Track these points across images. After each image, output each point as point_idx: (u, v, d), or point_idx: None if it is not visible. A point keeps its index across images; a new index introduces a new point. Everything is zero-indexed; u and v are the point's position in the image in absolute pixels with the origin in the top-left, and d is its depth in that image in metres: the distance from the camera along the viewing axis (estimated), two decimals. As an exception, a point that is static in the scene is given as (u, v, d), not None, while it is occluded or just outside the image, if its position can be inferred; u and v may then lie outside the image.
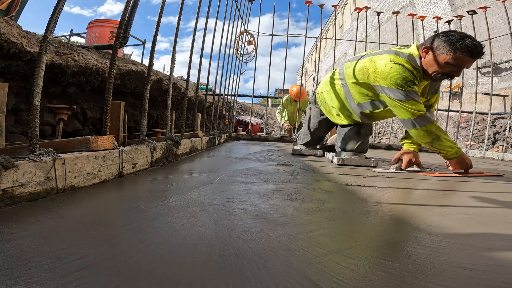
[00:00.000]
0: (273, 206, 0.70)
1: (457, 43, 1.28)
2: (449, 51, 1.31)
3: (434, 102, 1.66)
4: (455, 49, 1.29)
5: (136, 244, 0.44)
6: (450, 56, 1.31)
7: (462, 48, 1.27)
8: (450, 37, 1.31)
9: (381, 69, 1.44)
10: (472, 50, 1.26)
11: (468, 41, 1.27)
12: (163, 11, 1.32)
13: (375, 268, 0.41)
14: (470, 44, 1.26)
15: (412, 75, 1.40)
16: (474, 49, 1.26)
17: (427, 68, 1.41)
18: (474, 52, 1.27)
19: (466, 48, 1.27)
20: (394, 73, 1.40)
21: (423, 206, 0.80)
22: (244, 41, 4.18)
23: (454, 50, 1.29)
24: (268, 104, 5.78)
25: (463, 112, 4.13)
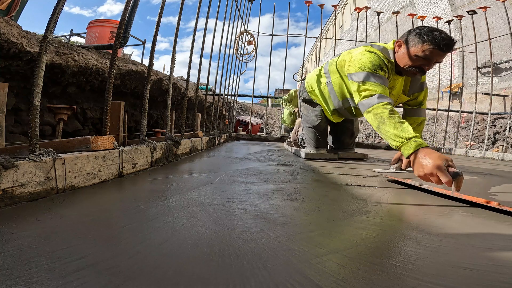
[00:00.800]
0: (273, 206, 0.70)
1: (425, 36, 1.29)
2: (417, 44, 1.32)
3: (423, 99, 1.66)
4: (423, 42, 1.30)
5: (136, 244, 0.44)
6: (419, 49, 1.32)
7: (430, 41, 1.28)
8: (419, 31, 1.32)
9: (355, 57, 1.47)
10: (439, 42, 1.26)
11: (436, 34, 1.27)
12: (163, 11, 1.32)
13: (375, 268, 0.41)
14: (437, 37, 1.26)
15: (383, 61, 1.42)
16: (441, 42, 1.26)
17: (399, 62, 1.43)
18: (441, 44, 1.26)
19: (433, 41, 1.27)
20: (364, 58, 1.43)
21: (423, 206, 0.80)
22: (244, 41, 4.18)
23: (423, 42, 1.30)
24: (268, 104, 5.78)
25: (463, 112, 4.13)
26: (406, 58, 1.39)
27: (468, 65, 6.85)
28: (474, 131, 5.64)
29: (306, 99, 2.00)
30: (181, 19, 1.51)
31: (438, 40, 1.26)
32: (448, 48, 1.28)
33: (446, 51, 1.28)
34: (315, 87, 1.87)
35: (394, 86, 1.54)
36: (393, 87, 1.54)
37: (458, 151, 3.51)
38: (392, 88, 1.54)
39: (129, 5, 1.10)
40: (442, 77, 7.64)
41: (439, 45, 1.26)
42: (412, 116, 1.66)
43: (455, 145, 3.84)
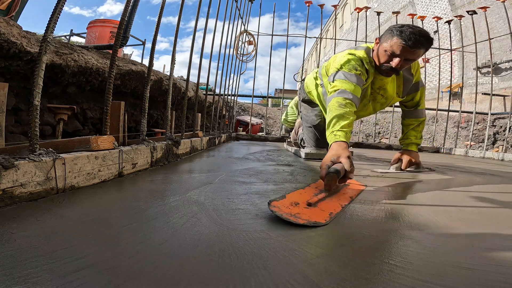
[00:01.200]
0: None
1: (394, 31, 1.25)
2: (387, 39, 1.29)
3: (419, 99, 1.63)
4: (392, 36, 1.26)
5: (136, 244, 0.44)
6: (388, 44, 1.28)
7: (397, 35, 1.23)
8: (392, 26, 1.28)
9: (336, 59, 1.46)
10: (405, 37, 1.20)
11: (406, 29, 1.21)
12: (163, 11, 1.32)
13: (375, 268, 0.41)
14: (406, 31, 1.21)
15: (360, 62, 1.38)
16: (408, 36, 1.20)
17: (375, 61, 1.40)
18: (407, 39, 1.20)
19: (400, 35, 1.22)
20: (343, 59, 1.40)
21: (422, 206, 0.80)
22: (244, 41, 4.18)
23: (391, 37, 1.26)
24: (268, 104, 5.78)
25: (463, 112, 4.13)
26: (378, 55, 1.36)
27: (468, 65, 6.85)
28: (474, 131, 5.65)
29: (305, 100, 2.01)
30: (181, 19, 1.51)
31: (406, 35, 1.21)
32: (415, 44, 1.21)
33: (414, 47, 1.22)
34: (312, 88, 1.88)
35: (382, 86, 1.51)
36: (381, 88, 1.52)
37: (458, 151, 3.52)
38: (381, 89, 1.52)
39: (129, 5, 1.10)
40: (442, 77, 7.64)
41: (405, 39, 1.21)
42: (411, 117, 1.63)
43: (455, 145, 3.84)
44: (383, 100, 1.58)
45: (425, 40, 1.22)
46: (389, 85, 1.51)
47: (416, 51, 1.24)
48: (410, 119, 1.63)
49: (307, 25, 3.98)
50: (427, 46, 1.24)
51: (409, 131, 1.61)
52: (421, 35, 1.21)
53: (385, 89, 1.52)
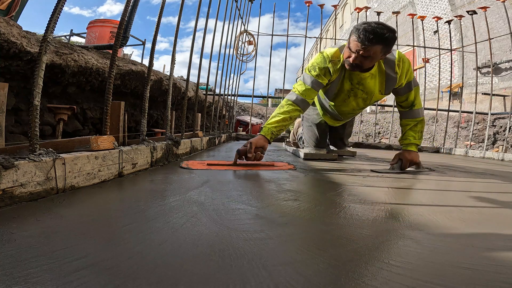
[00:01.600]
0: (273, 206, 0.70)
1: (354, 28, 1.26)
2: (349, 36, 1.32)
3: (414, 99, 1.59)
4: (352, 33, 1.29)
5: (136, 244, 0.44)
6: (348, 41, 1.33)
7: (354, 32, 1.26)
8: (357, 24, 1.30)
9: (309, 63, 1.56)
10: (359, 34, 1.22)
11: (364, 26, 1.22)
12: (163, 11, 1.32)
13: (375, 268, 0.41)
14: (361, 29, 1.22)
15: (324, 61, 1.47)
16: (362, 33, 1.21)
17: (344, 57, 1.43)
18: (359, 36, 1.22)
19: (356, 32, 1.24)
20: (312, 60, 1.51)
21: (422, 206, 0.80)
22: (244, 41, 4.18)
23: (351, 34, 1.30)
24: (268, 104, 5.78)
25: (463, 112, 4.13)
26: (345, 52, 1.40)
27: (468, 65, 6.85)
28: (474, 131, 5.65)
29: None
30: (181, 19, 1.51)
31: (359, 33, 1.23)
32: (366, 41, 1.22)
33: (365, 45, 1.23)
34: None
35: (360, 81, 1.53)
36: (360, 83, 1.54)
37: (458, 151, 3.51)
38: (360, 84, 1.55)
39: (129, 5, 1.10)
40: (442, 77, 7.64)
41: (357, 37, 1.24)
42: (407, 118, 1.62)
43: (455, 145, 3.84)
44: (364, 96, 1.61)
45: (377, 37, 1.21)
46: (369, 81, 1.52)
47: (368, 48, 1.24)
48: (407, 119, 1.62)
49: (307, 25, 3.98)
50: (382, 43, 1.24)
51: (407, 132, 1.61)
52: (373, 33, 1.21)
53: (364, 85, 1.54)
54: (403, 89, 1.56)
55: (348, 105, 1.70)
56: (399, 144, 1.68)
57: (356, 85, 1.56)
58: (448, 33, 4.98)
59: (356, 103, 1.67)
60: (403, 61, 1.49)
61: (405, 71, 1.51)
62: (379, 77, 1.52)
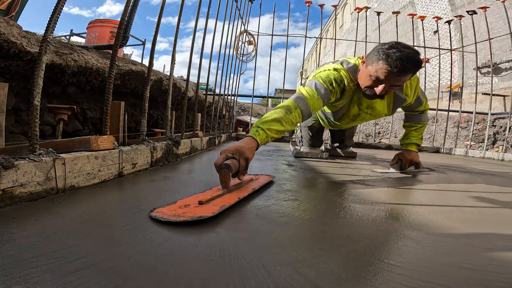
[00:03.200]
0: (273, 206, 0.70)
1: (381, 53, 1.10)
2: (373, 62, 1.14)
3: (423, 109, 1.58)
4: (378, 59, 1.11)
5: (136, 244, 0.44)
6: (373, 68, 1.14)
7: (383, 59, 1.09)
8: (380, 46, 1.13)
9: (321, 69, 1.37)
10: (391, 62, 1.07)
11: (393, 52, 1.07)
12: (163, 11, 1.32)
13: (375, 268, 0.41)
14: (392, 55, 1.06)
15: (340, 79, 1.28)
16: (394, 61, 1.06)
17: (359, 82, 1.27)
18: (393, 65, 1.06)
19: (387, 59, 1.08)
20: (325, 72, 1.30)
21: (422, 206, 0.80)
22: (244, 41, 4.18)
23: (377, 60, 1.11)
24: (268, 104, 5.78)
25: (463, 112, 4.13)
26: (362, 77, 1.23)
27: (468, 65, 6.85)
28: (474, 131, 5.64)
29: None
30: (180, 19, 1.51)
31: (392, 60, 1.07)
32: (402, 71, 1.08)
33: (400, 75, 1.09)
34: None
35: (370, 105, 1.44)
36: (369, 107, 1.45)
37: (458, 151, 3.51)
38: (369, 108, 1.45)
39: (129, 5, 1.10)
40: (442, 77, 7.65)
41: (391, 65, 1.07)
42: (415, 121, 1.61)
43: (455, 145, 3.84)
44: (371, 118, 1.55)
45: (413, 66, 1.09)
46: (379, 103, 1.44)
47: (402, 77, 1.11)
48: (414, 122, 1.61)
49: (307, 25, 3.98)
50: (415, 71, 1.12)
51: (411, 132, 1.60)
52: (409, 60, 1.07)
53: (373, 108, 1.46)
54: (414, 105, 1.51)
55: (351, 124, 1.69)
56: (400, 144, 1.68)
57: (365, 109, 1.47)
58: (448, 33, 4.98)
59: (359, 123, 1.67)
60: (413, 79, 1.39)
61: (414, 89, 1.42)
62: (387, 98, 1.42)
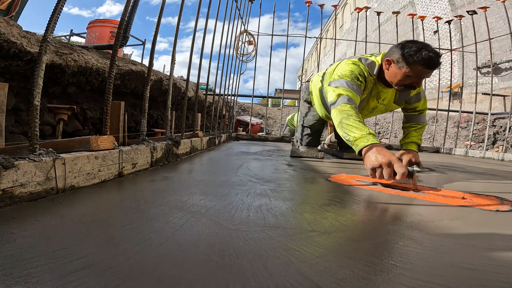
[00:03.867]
0: (273, 206, 0.70)
1: (414, 57, 1.32)
2: (407, 64, 1.36)
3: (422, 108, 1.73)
4: (414, 62, 1.34)
5: (136, 244, 0.44)
6: (409, 69, 1.36)
7: (419, 61, 1.32)
8: (408, 50, 1.35)
9: (339, 67, 1.56)
10: (428, 62, 1.31)
11: (425, 53, 1.31)
12: (163, 11, 1.32)
13: (375, 268, 0.41)
14: (426, 56, 1.30)
15: (362, 73, 1.49)
16: (430, 62, 1.31)
17: (391, 80, 1.48)
18: (431, 64, 1.32)
19: (423, 61, 1.31)
20: (346, 67, 1.50)
21: (422, 206, 0.80)
22: (244, 41, 4.18)
23: (413, 63, 1.34)
24: (268, 104, 5.78)
25: (463, 112, 4.13)
26: (396, 76, 1.43)
27: (468, 65, 6.85)
28: (474, 131, 5.64)
29: (307, 100, 2.12)
30: (180, 19, 1.51)
31: (428, 60, 1.31)
32: (436, 66, 1.34)
33: (433, 69, 1.35)
34: (314, 90, 1.97)
35: (386, 97, 1.65)
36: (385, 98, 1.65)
37: (458, 151, 3.51)
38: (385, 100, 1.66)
39: (129, 5, 1.10)
40: (442, 77, 7.65)
41: (428, 64, 1.32)
42: (414, 121, 1.72)
43: (455, 145, 3.84)
44: (384, 108, 1.74)
45: (440, 59, 1.34)
46: (389, 94, 1.66)
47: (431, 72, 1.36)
48: (414, 122, 1.71)
49: (307, 25, 3.98)
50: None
51: (411, 132, 1.68)
52: (437, 56, 1.32)
53: (386, 98, 1.66)
54: (413, 98, 1.68)
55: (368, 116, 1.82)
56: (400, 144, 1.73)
57: (382, 101, 1.66)
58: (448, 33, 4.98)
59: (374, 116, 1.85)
60: None
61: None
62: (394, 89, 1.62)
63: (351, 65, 1.51)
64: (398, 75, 1.42)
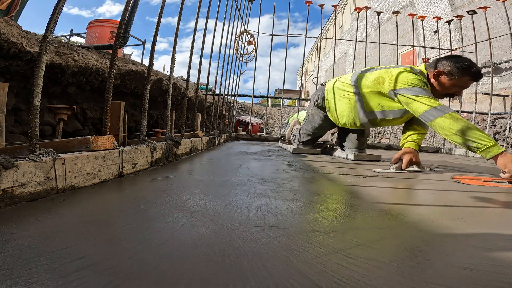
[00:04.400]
0: (273, 206, 0.70)
1: (469, 70, 1.48)
2: (461, 77, 1.50)
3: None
4: (468, 75, 1.49)
5: (136, 244, 0.44)
6: (461, 81, 1.51)
7: (471, 75, 1.48)
8: (462, 64, 1.49)
9: (398, 75, 1.61)
10: (477, 76, 1.50)
11: (476, 69, 1.48)
12: (163, 11, 1.32)
13: (374, 268, 0.41)
14: (476, 71, 1.48)
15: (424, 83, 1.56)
16: (479, 76, 1.50)
17: (439, 88, 1.58)
18: (478, 77, 1.51)
19: (474, 75, 1.49)
20: (410, 75, 1.57)
21: (422, 206, 0.80)
22: (244, 41, 4.18)
23: (467, 75, 1.49)
24: (268, 104, 5.78)
25: (463, 112, 4.13)
26: (447, 86, 1.56)
27: (468, 65, 6.83)
28: (474, 131, 5.63)
29: (319, 105, 2.11)
30: (180, 19, 1.51)
31: (477, 75, 1.49)
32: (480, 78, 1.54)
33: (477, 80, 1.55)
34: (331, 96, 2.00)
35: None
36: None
37: (458, 151, 3.51)
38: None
39: (129, 5, 1.10)
40: (442, 77, 7.62)
41: (477, 78, 1.51)
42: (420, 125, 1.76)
43: (455, 145, 3.84)
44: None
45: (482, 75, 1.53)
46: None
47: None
48: (419, 126, 1.76)
49: (307, 25, 3.98)
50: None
51: (413, 134, 1.73)
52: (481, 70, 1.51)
53: None
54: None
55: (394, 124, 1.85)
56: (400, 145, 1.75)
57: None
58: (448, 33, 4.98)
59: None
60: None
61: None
62: None
63: (412, 74, 1.57)
64: (447, 84, 1.54)
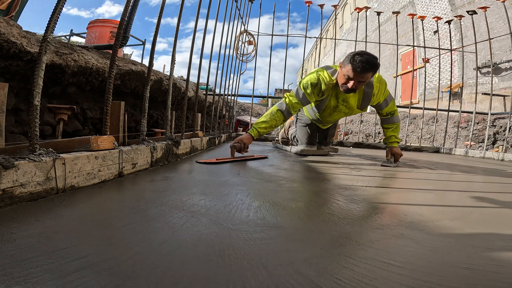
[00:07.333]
0: (273, 206, 0.70)
1: (349, 59, 1.55)
2: (345, 66, 1.60)
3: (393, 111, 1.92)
4: (347, 63, 1.57)
5: (136, 244, 0.44)
6: (345, 70, 1.60)
7: (351, 63, 1.54)
8: (350, 54, 1.57)
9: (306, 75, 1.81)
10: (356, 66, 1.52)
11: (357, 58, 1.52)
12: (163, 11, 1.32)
13: (374, 268, 0.41)
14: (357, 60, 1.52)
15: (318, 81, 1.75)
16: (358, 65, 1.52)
17: (339, 81, 1.70)
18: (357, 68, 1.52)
19: (353, 64, 1.53)
20: (306, 78, 1.79)
21: (422, 206, 0.80)
22: (244, 41, 4.18)
23: (347, 64, 1.57)
24: (268, 104, 5.78)
25: (463, 112, 4.13)
26: (339, 77, 1.69)
27: (468, 65, 6.84)
28: (474, 131, 5.64)
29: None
30: (180, 19, 1.51)
31: (356, 63, 1.52)
32: (363, 70, 1.53)
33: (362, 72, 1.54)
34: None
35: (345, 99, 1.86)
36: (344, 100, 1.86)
37: (458, 151, 3.51)
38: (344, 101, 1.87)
39: (129, 5, 1.10)
40: (442, 77, 7.64)
41: (355, 68, 1.53)
42: (389, 123, 1.95)
43: (455, 145, 3.84)
44: (347, 110, 1.94)
45: (371, 67, 1.53)
46: (352, 98, 1.86)
47: (364, 75, 1.56)
48: (388, 124, 1.96)
49: (307, 25, 3.98)
50: (374, 71, 1.58)
51: (390, 133, 1.94)
52: (368, 62, 1.52)
53: (347, 102, 1.88)
54: (382, 104, 1.89)
55: (333, 116, 2.05)
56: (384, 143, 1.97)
57: (342, 102, 1.89)
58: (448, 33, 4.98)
59: (338, 116, 2.05)
60: (381, 82, 1.81)
61: (383, 91, 1.83)
62: (358, 94, 1.83)
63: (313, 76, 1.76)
64: (340, 76, 1.67)
